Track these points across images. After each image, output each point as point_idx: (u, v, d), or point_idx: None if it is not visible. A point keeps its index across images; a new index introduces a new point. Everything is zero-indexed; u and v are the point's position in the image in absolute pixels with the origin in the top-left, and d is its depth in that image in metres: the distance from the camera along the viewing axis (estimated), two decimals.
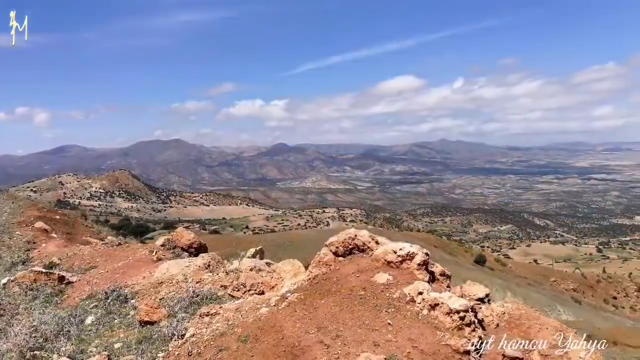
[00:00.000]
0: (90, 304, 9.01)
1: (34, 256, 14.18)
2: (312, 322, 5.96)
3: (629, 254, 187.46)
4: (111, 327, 7.85)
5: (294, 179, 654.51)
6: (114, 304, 8.78)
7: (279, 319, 6.18)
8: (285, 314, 6.28)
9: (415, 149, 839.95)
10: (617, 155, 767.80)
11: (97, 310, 8.67)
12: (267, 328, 6.01)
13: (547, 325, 6.46)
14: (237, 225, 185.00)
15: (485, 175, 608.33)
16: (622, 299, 75.00)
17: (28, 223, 18.24)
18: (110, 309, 8.59)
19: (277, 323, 6.07)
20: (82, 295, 9.73)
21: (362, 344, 5.47)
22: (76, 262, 12.45)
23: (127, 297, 9.12)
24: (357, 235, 7.70)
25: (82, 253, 13.27)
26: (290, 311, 6.34)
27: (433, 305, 5.97)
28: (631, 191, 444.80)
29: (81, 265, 12.21)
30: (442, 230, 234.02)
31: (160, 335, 6.93)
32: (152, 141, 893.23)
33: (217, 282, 9.56)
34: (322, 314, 6.11)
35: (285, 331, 5.84)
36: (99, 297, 9.16)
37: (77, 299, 9.64)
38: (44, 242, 16.06)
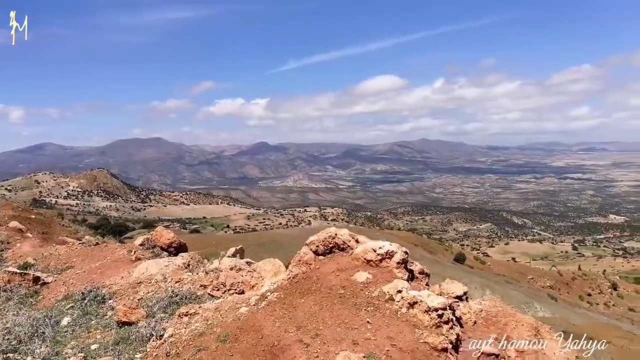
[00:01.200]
0: (67, 305, 8.86)
1: (8, 256, 13.88)
2: (292, 321, 5.96)
3: (603, 251, 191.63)
4: (88, 328, 7.72)
5: (276, 178, 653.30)
6: (90, 305, 8.64)
7: (258, 318, 6.16)
8: (265, 314, 6.26)
9: (396, 149, 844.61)
10: (593, 155, 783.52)
11: (73, 311, 8.52)
12: (246, 327, 5.99)
13: (523, 322, 6.56)
14: (217, 224, 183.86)
15: (465, 174, 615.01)
16: (596, 295, 76.56)
17: (2, 223, 17.85)
18: (87, 310, 8.45)
19: (257, 322, 6.05)
20: (58, 296, 9.56)
21: (341, 343, 5.48)
22: (52, 263, 12.22)
23: (104, 297, 8.98)
24: (338, 234, 7.72)
25: (59, 253, 13.03)
26: (269, 310, 6.33)
27: (412, 303, 6.01)
28: (606, 190, 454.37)
29: (57, 265, 11.99)
30: (422, 229, 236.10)
31: (138, 335, 6.84)
32: (131, 139, 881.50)
33: (196, 281, 9.48)
34: (302, 313, 6.11)
35: (265, 330, 5.83)
36: (76, 298, 9.01)
37: (52, 300, 9.47)
38: (18, 242, 15.72)
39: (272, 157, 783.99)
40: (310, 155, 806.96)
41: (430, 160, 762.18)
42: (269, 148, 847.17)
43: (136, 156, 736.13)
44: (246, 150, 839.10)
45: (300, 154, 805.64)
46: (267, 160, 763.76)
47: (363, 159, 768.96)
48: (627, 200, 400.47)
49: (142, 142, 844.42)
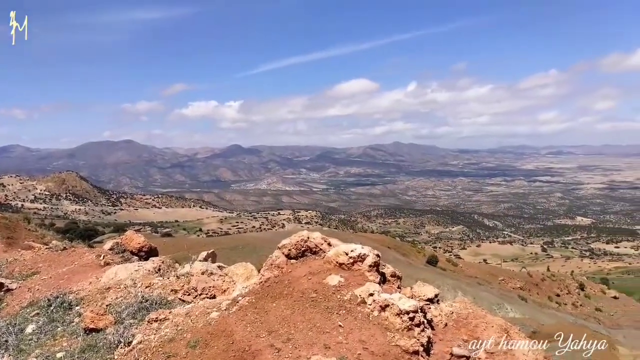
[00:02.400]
0: (32, 312, 8.60)
1: None
2: (263, 326, 5.91)
3: (571, 252, 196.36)
4: (53, 335, 7.50)
5: (249, 181, 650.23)
6: (57, 312, 8.41)
7: (229, 323, 6.09)
8: (236, 318, 6.19)
9: (370, 152, 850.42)
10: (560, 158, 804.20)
11: (38, 318, 8.28)
12: (217, 333, 5.91)
13: (493, 324, 6.64)
14: (190, 227, 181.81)
15: (437, 177, 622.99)
16: (564, 296, 78.24)
17: None
18: (53, 317, 8.22)
19: (228, 327, 5.98)
20: (22, 303, 9.28)
21: (313, 347, 5.46)
22: (17, 268, 11.88)
23: (71, 303, 8.75)
24: (310, 238, 7.69)
25: (24, 258, 12.68)
26: (241, 315, 6.26)
27: (383, 306, 6.02)
28: (573, 193, 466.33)
29: (22, 271, 11.65)
30: (395, 232, 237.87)
31: (105, 342, 6.67)
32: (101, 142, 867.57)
33: (167, 286, 9.33)
34: (273, 318, 6.06)
35: (236, 335, 5.76)
36: (41, 305, 8.76)
37: (17, 307, 9.19)
38: None
39: (245, 160, 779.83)
40: (284, 158, 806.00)
41: (403, 163, 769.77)
42: (242, 151, 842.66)
43: (107, 159, 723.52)
44: (219, 153, 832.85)
45: (274, 157, 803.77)
46: (241, 163, 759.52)
47: (337, 162, 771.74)
48: (594, 202, 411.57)
49: (113, 144, 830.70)
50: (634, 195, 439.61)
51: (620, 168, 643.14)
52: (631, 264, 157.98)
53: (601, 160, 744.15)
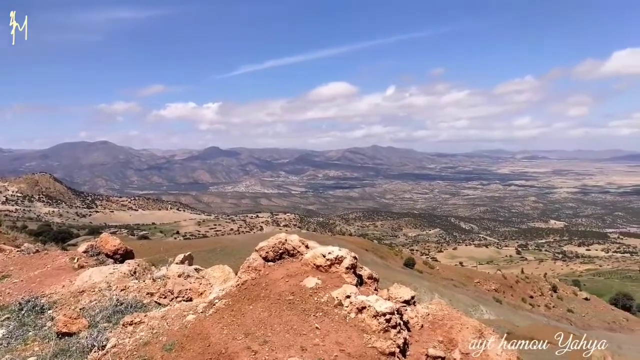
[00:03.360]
0: (2, 316, 8.40)
1: None
2: (240, 328, 5.89)
3: (545, 255, 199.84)
4: (25, 340, 7.33)
5: (227, 184, 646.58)
6: (28, 316, 8.22)
7: (205, 326, 6.05)
8: (213, 321, 6.16)
9: (348, 155, 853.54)
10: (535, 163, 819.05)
11: (9, 322, 8.09)
12: (193, 336, 5.86)
13: (468, 325, 6.73)
14: (167, 230, 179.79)
15: (414, 180, 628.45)
16: (538, 297, 79.49)
17: None
18: (24, 321, 8.03)
19: (204, 330, 5.94)
20: None
21: (289, 349, 5.46)
22: None
23: (43, 307, 8.57)
24: (287, 240, 7.70)
25: None
26: (217, 318, 6.23)
27: (360, 308, 6.06)
28: (547, 197, 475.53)
29: None
30: (373, 234, 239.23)
31: (78, 347, 6.55)
32: (76, 143, 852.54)
33: (143, 289, 9.22)
34: (250, 320, 6.04)
35: (212, 338, 5.72)
36: (12, 309, 8.56)
37: None
38: None
39: (223, 162, 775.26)
40: (263, 161, 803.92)
41: (381, 166, 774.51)
42: (220, 153, 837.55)
43: (82, 160, 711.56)
44: (197, 155, 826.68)
45: (252, 159, 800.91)
46: (219, 165, 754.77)
47: (316, 164, 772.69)
48: (566, 206, 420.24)
49: (89, 145, 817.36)
50: (605, 199, 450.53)
51: (592, 173, 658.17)
52: (602, 266, 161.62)
53: (574, 165, 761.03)
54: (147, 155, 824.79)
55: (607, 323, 75.10)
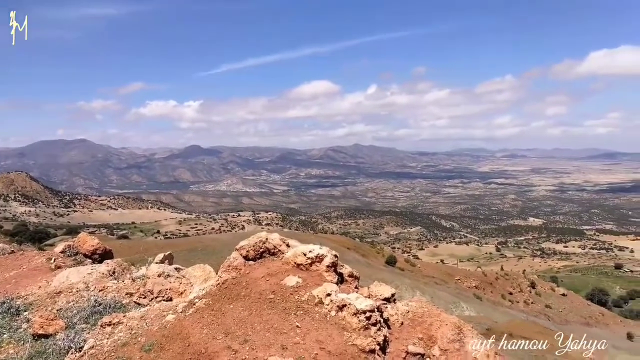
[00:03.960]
0: None
1: None
2: (220, 328, 5.86)
3: (523, 252, 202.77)
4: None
5: (208, 182, 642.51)
6: (3, 318, 8.05)
7: (185, 325, 6.00)
8: (193, 320, 6.11)
9: (331, 153, 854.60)
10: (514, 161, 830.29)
11: None
12: (172, 336, 5.81)
13: (447, 322, 6.80)
14: (147, 229, 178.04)
15: (396, 179, 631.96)
16: (517, 294, 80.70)
17: None
18: None
19: (184, 330, 5.90)
20: None
21: (270, 348, 5.45)
22: None
23: (19, 309, 8.40)
24: (268, 239, 7.68)
25: None
26: (197, 317, 6.19)
27: (341, 306, 6.08)
28: (525, 195, 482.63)
29: None
30: (355, 233, 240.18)
31: (55, 348, 6.45)
32: (54, 141, 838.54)
33: (122, 289, 9.11)
34: (231, 319, 6.02)
35: (192, 338, 5.68)
36: None
37: None
38: None
39: (205, 160, 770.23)
40: (245, 160, 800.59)
41: (363, 165, 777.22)
42: (201, 151, 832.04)
43: (59, 158, 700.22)
44: (178, 154, 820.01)
45: (234, 158, 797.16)
46: (200, 164, 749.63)
47: (298, 163, 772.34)
48: (545, 203, 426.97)
49: (66, 143, 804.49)
50: (582, 197, 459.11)
51: (569, 171, 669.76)
52: (578, 263, 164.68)
53: (552, 164, 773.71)
54: (127, 154, 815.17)
55: (584, 318, 76.65)
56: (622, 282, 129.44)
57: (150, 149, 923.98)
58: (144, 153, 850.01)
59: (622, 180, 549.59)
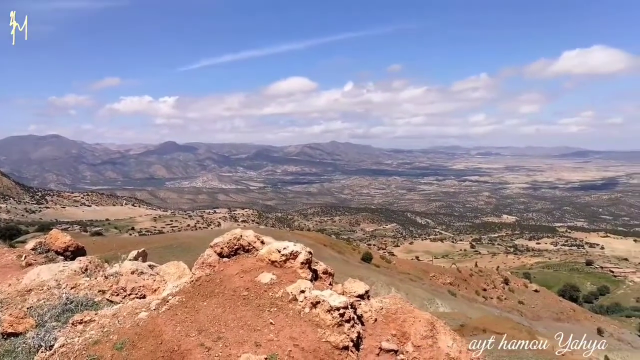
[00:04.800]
0: None
1: None
2: (193, 325, 5.85)
3: (497, 249, 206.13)
4: None
5: (184, 179, 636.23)
6: None
7: (158, 323, 5.97)
8: (166, 318, 6.08)
9: (307, 150, 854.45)
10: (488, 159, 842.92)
11: None
12: (145, 333, 5.77)
13: (420, 318, 6.90)
14: (122, 226, 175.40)
15: (372, 176, 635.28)
16: (491, 290, 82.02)
17: None
18: None
19: (157, 328, 5.86)
20: None
21: (243, 345, 5.46)
22: None
23: None
24: (243, 236, 7.68)
25: None
26: (170, 315, 6.16)
27: (314, 303, 6.12)
28: (499, 192, 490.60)
29: None
30: (331, 229, 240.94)
31: (25, 347, 6.35)
32: (25, 136, 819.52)
33: (94, 287, 9.01)
34: (204, 316, 6.01)
35: (165, 336, 5.66)
36: None
37: None
38: None
39: (180, 157, 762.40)
40: (221, 156, 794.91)
41: (339, 162, 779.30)
42: (177, 148, 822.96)
43: (31, 154, 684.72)
44: (153, 150, 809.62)
45: (210, 155, 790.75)
46: (175, 160, 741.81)
47: (274, 160, 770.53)
48: (518, 201, 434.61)
49: (38, 139, 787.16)
50: (554, 195, 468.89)
51: (542, 169, 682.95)
52: (550, 259, 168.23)
53: (525, 161, 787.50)
54: (101, 150, 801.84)
55: (555, 314, 78.39)
56: (593, 279, 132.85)
57: (124, 145, 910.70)
58: (119, 149, 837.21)
59: (594, 178, 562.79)
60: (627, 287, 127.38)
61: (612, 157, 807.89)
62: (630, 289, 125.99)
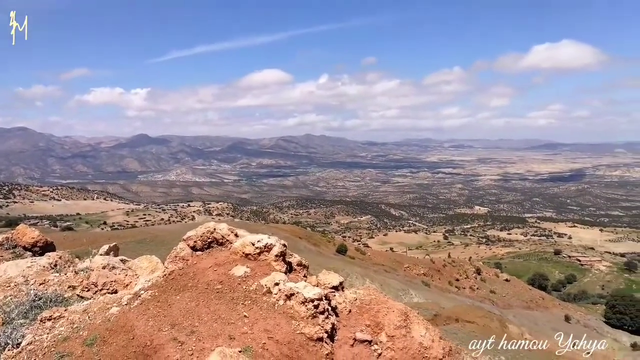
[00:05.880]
0: None
1: None
2: (166, 320, 5.78)
3: (470, 240, 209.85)
4: None
5: (157, 172, 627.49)
6: None
7: (130, 318, 5.88)
8: (137, 313, 5.99)
9: (282, 143, 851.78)
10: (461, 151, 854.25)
11: None
12: (116, 329, 5.68)
13: (394, 309, 6.96)
14: (93, 221, 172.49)
15: (347, 169, 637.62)
16: (463, 280, 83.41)
17: None
18: None
19: (128, 323, 5.77)
20: None
21: (217, 339, 5.43)
22: None
23: None
24: (216, 229, 7.61)
25: None
26: (142, 309, 6.07)
27: (289, 295, 6.11)
28: (472, 184, 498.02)
29: None
30: (306, 222, 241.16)
31: None
32: None
33: (64, 282, 8.81)
34: (177, 311, 5.94)
35: (137, 331, 5.57)
36: None
37: None
38: None
39: (153, 150, 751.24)
40: (195, 149, 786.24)
41: (314, 155, 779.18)
42: (150, 140, 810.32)
43: None
44: (125, 143, 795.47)
45: (183, 147, 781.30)
46: (148, 153, 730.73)
47: (249, 153, 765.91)
48: (490, 192, 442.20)
49: (4, 131, 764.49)
50: (524, 186, 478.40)
51: (513, 161, 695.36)
52: (521, 249, 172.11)
53: (497, 154, 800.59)
54: (71, 143, 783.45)
55: (525, 302, 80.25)
56: (561, 267, 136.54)
57: (95, 137, 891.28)
58: (89, 142, 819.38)
59: (562, 170, 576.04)
60: (593, 275, 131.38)
61: (579, 150, 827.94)
62: (596, 277, 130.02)
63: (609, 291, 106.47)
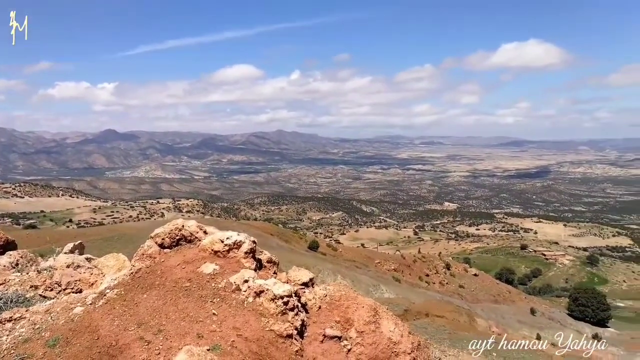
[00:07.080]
0: None
1: None
2: (133, 319, 5.66)
3: (439, 235, 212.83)
4: None
5: (125, 168, 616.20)
6: None
7: (94, 318, 5.73)
8: (102, 312, 5.85)
9: (253, 139, 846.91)
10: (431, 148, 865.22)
11: None
12: (80, 329, 5.53)
13: (364, 304, 6.99)
14: (58, 218, 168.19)
15: (319, 165, 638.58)
16: (433, 275, 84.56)
17: None
18: None
19: (93, 322, 5.63)
20: None
21: (185, 337, 5.34)
22: None
23: None
24: (185, 226, 7.51)
25: None
26: (108, 309, 5.93)
27: (258, 292, 6.07)
28: (441, 180, 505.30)
29: None
30: (278, 219, 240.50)
31: None
32: None
33: (26, 282, 8.56)
34: (144, 309, 5.82)
35: (102, 330, 5.44)
36: None
37: None
38: None
39: (121, 145, 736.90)
40: (164, 145, 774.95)
41: (286, 151, 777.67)
42: (117, 136, 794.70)
43: None
44: (92, 138, 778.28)
45: (153, 143, 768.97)
46: (116, 149, 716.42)
47: (220, 149, 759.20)
48: (459, 189, 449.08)
49: None
50: (492, 183, 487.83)
51: (481, 158, 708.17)
52: (489, 244, 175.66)
53: (466, 150, 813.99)
54: (34, 138, 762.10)
55: (493, 296, 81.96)
56: (527, 262, 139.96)
57: (61, 133, 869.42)
58: (54, 137, 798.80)
59: (528, 167, 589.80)
60: (557, 269, 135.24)
61: (545, 147, 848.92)
62: (560, 270, 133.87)
63: (572, 284, 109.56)
